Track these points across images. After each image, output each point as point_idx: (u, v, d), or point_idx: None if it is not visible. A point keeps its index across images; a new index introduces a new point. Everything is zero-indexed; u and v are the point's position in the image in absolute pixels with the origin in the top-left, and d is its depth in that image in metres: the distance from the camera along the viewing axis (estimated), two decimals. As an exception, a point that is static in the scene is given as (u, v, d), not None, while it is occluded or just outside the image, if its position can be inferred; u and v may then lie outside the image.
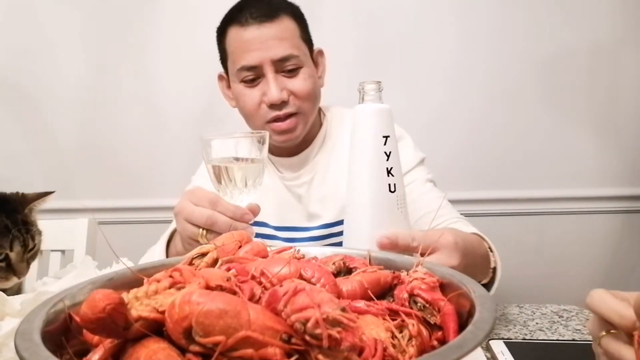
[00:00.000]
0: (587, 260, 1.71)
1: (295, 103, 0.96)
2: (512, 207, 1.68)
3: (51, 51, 1.63)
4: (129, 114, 1.66)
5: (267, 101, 0.95)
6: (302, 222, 1.04)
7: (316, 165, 1.05)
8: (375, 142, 0.69)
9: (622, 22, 1.60)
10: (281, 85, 0.94)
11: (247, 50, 0.93)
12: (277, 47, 0.93)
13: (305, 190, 1.04)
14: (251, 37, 0.93)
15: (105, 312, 0.32)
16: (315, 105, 1.01)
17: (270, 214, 1.04)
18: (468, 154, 1.66)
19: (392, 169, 0.69)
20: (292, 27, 0.96)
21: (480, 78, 1.63)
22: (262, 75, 0.95)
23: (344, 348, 0.32)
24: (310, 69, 0.99)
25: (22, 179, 1.68)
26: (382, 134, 0.69)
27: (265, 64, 0.93)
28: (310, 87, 0.97)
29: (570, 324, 0.73)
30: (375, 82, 0.70)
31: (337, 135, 1.06)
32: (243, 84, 0.97)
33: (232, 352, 0.32)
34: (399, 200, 0.69)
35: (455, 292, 0.43)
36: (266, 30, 0.93)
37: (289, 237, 1.04)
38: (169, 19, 1.62)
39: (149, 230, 1.71)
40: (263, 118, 0.97)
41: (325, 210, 1.02)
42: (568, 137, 1.66)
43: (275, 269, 0.45)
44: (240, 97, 0.98)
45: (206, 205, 0.68)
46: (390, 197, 0.69)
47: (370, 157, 0.70)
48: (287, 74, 0.95)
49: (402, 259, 0.54)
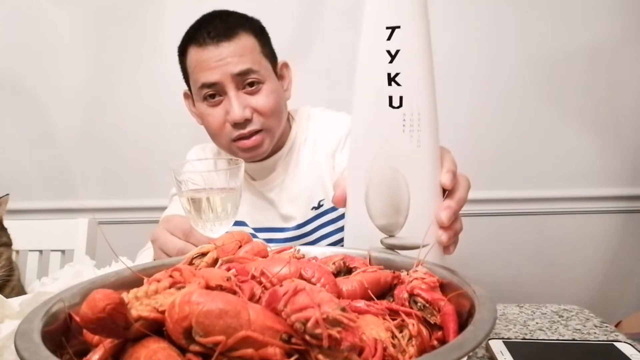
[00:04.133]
0: (587, 260, 1.71)
1: (259, 120, 0.96)
2: (512, 207, 1.68)
3: (51, 51, 1.63)
4: (129, 113, 1.66)
5: (230, 120, 0.94)
6: (278, 223, 1.05)
7: (286, 168, 1.06)
8: (371, 35, 0.51)
9: (622, 22, 1.60)
10: (244, 103, 0.94)
11: (205, 68, 0.93)
12: (236, 63, 0.93)
13: (276, 194, 1.05)
14: (209, 57, 0.93)
15: (105, 312, 0.32)
16: (280, 119, 1.00)
17: (247, 216, 1.05)
18: (468, 153, 1.65)
19: (399, 75, 0.50)
20: (251, 44, 0.96)
21: (480, 78, 1.63)
22: (224, 92, 0.94)
23: (344, 348, 0.32)
24: (272, 84, 0.98)
25: (21, 179, 1.68)
26: (386, 23, 0.50)
27: (225, 80, 0.93)
28: (273, 103, 0.96)
29: (570, 324, 0.72)
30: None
31: (305, 135, 1.07)
32: (206, 103, 0.97)
33: (232, 352, 0.32)
34: (407, 118, 0.51)
35: (455, 292, 0.43)
36: (224, 49, 0.93)
37: (267, 238, 1.05)
38: (169, 18, 1.62)
39: (149, 230, 1.72)
40: (228, 137, 0.97)
41: (297, 211, 1.03)
42: (568, 137, 1.66)
43: (275, 269, 0.45)
44: (204, 116, 0.99)
45: (180, 235, 0.67)
46: (390, 113, 0.51)
47: (363, 57, 0.52)
48: (248, 91, 0.95)
49: (402, 259, 0.54)
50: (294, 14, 1.59)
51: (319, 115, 1.10)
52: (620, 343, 0.62)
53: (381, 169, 0.53)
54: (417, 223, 0.53)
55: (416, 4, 0.50)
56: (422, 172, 0.52)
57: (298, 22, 1.59)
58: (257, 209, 1.06)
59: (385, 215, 0.55)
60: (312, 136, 1.07)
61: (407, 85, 0.51)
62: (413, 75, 0.51)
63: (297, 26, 1.60)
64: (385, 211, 0.55)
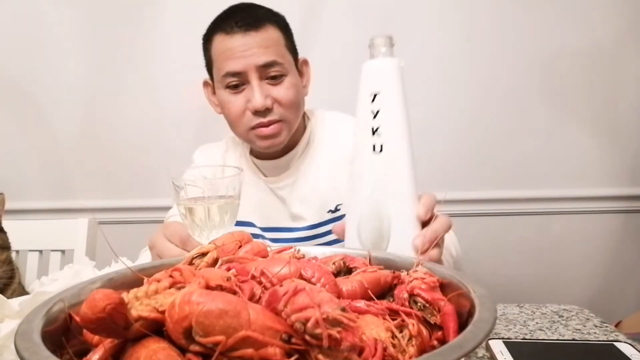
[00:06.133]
0: (587, 260, 1.72)
1: (279, 111, 0.97)
2: (512, 207, 1.68)
3: (51, 51, 1.63)
4: (129, 113, 1.67)
5: (251, 108, 0.96)
6: (287, 223, 1.06)
7: (299, 167, 1.06)
8: (362, 100, 0.66)
9: (622, 22, 1.61)
10: (265, 93, 0.95)
11: (231, 57, 0.94)
12: (262, 54, 0.94)
13: (287, 193, 1.06)
14: (236, 45, 0.94)
15: (105, 312, 0.32)
16: (298, 113, 1.02)
17: (255, 215, 1.06)
18: (468, 153, 1.66)
19: (379, 128, 0.64)
20: (277, 36, 0.98)
21: (480, 78, 1.63)
22: (247, 82, 0.96)
23: (344, 348, 0.32)
24: (294, 78, 1.00)
25: (21, 179, 1.68)
26: (370, 91, 0.65)
27: (249, 70, 0.94)
28: (294, 96, 0.98)
29: (570, 324, 0.72)
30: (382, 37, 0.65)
31: (321, 138, 1.08)
32: (228, 91, 0.98)
33: (232, 352, 0.32)
34: (387, 164, 0.64)
35: (455, 292, 0.43)
36: (251, 39, 0.94)
37: (274, 238, 1.05)
38: (169, 18, 1.62)
39: (149, 230, 1.72)
40: (247, 125, 0.98)
41: (308, 212, 1.04)
42: (568, 137, 1.66)
43: (275, 269, 0.45)
44: (225, 104, 1.00)
45: (177, 242, 0.68)
46: (373, 158, 0.65)
47: (358, 116, 0.67)
48: (271, 82, 0.96)
49: (402, 259, 0.54)
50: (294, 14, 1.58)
51: (334, 120, 1.11)
52: (620, 343, 0.62)
53: (368, 203, 0.66)
54: (398, 247, 0.63)
55: (392, 76, 0.65)
56: (401, 205, 0.64)
57: (299, 22, 1.59)
58: (266, 207, 1.06)
59: (372, 239, 0.66)
60: (328, 140, 1.08)
61: (385, 136, 0.64)
62: (390, 129, 0.64)
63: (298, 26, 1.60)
64: (372, 236, 0.66)
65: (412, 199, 0.65)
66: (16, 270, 1.00)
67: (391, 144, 0.64)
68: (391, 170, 0.64)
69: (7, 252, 1.00)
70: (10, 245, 1.02)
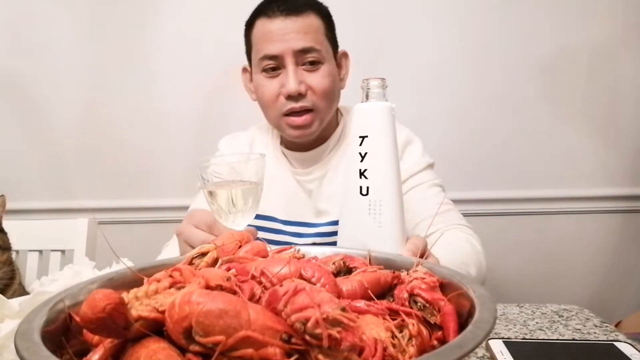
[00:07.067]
0: (586, 260, 1.72)
1: (312, 98, 0.97)
2: (512, 207, 1.68)
3: (51, 51, 1.63)
4: (129, 114, 1.66)
5: (284, 92, 0.96)
6: (310, 218, 1.05)
7: (329, 162, 1.06)
8: (352, 142, 0.67)
9: (622, 22, 1.61)
10: (300, 78, 0.96)
11: (270, 40, 0.95)
12: (300, 39, 0.95)
13: (316, 186, 1.05)
14: (275, 28, 0.95)
15: (105, 312, 0.32)
16: (332, 104, 1.01)
17: (279, 207, 1.05)
18: (468, 154, 1.66)
19: (367, 171, 0.66)
20: (317, 24, 0.98)
21: (480, 78, 1.63)
22: (283, 66, 0.96)
23: (344, 348, 0.32)
24: (331, 67, 1.00)
25: (21, 179, 1.68)
26: (359, 133, 0.67)
27: (286, 54, 0.95)
28: (328, 85, 0.98)
29: (570, 324, 0.73)
30: (374, 79, 0.67)
31: None
32: (264, 74, 0.98)
33: (232, 352, 0.32)
34: (372, 204, 0.66)
35: (455, 292, 0.43)
36: (291, 23, 0.95)
37: (296, 232, 1.04)
38: (170, 19, 1.62)
39: (149, 230, 1.72)
40: (279, 110, 0.98)
41: (333, 208, 1.03)
42: (568, 137, 1.66)
43: (275, 269, 0.45)
44: (259, 87, 1.00)
45: (204, 228, 0.69)
46: (360, 200, 0.66)
47: (348, 158, 0.69)
48: (307, 68, 0.97)
49: (402, 259, 0.54)
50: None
51: None
52: (620, 343, 0.62)
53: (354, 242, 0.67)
54: None
55: (381, 120, 0.66)
56: (384, 247, 0.63)
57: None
58: (292, 199, 1.06)
59: None
60: None
61: (372, 179, 0.66)
62: (376, 172, 0.66)
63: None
64: None
65: (397, 243, 0.65)
66: (17, 271, 1.00)
67: (377, 188, 0.66)
68: (376, 214, 0.65)
69: (8, 253, 0.99)
70: (11, 246, 1.02)
